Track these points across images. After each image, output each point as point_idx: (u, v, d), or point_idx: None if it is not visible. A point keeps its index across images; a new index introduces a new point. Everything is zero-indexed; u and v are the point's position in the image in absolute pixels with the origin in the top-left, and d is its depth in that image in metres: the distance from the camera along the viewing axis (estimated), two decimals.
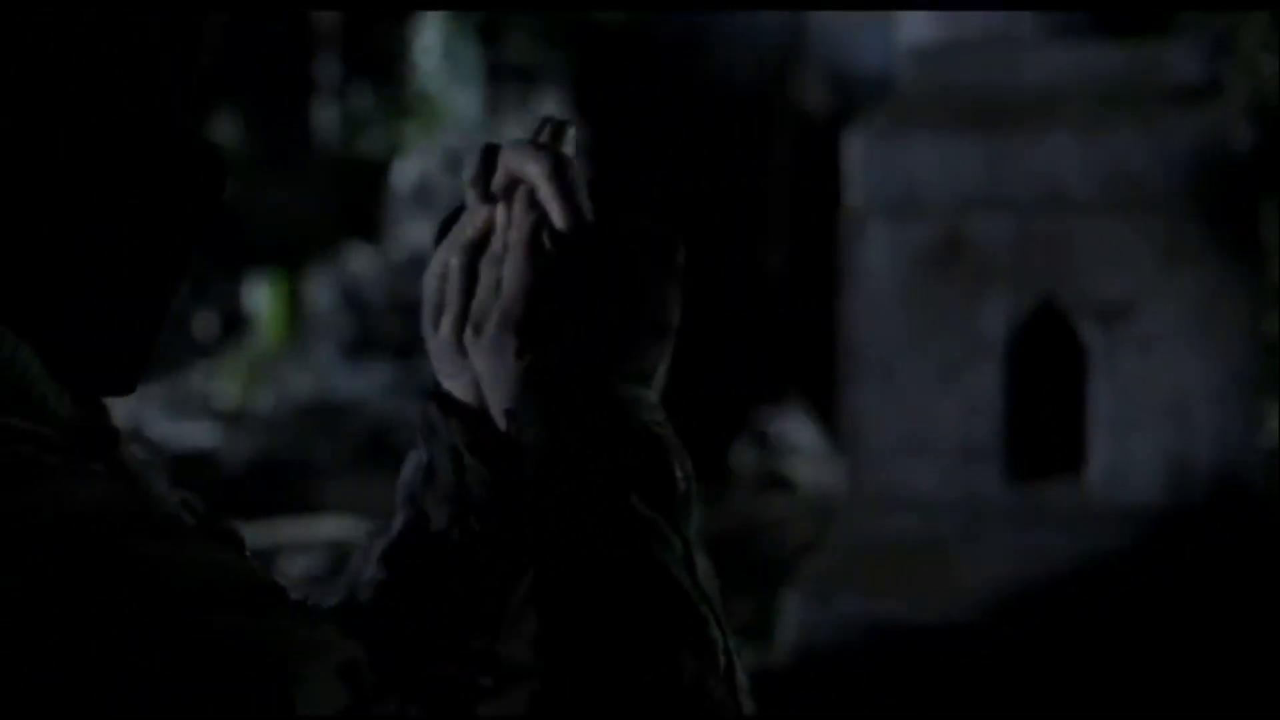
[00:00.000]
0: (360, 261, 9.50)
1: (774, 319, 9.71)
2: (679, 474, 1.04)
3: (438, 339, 1.08)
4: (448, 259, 1.07)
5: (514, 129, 10.07)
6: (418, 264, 9.95)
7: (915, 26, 4.80)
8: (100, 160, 1.02)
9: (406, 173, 9.73)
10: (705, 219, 10.33)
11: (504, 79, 9.97)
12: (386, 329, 9.28)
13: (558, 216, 1.03)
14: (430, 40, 9.78)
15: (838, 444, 5.16)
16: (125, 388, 1.03)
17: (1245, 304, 4.36)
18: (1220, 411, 4.33)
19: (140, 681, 0.81)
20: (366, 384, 9.13)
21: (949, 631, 4.35)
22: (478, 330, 1.04)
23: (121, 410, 1.03)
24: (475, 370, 1.07)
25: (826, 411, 5.55)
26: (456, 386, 1.10)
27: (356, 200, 10.51)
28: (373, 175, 9.54)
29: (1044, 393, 4.47)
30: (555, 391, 1.05)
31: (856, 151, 4.56)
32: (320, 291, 9.42)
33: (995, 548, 4.41)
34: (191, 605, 0.84)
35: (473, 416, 1.10)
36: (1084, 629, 4.28)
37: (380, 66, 9.88)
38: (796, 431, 7.79)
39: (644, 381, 1.08)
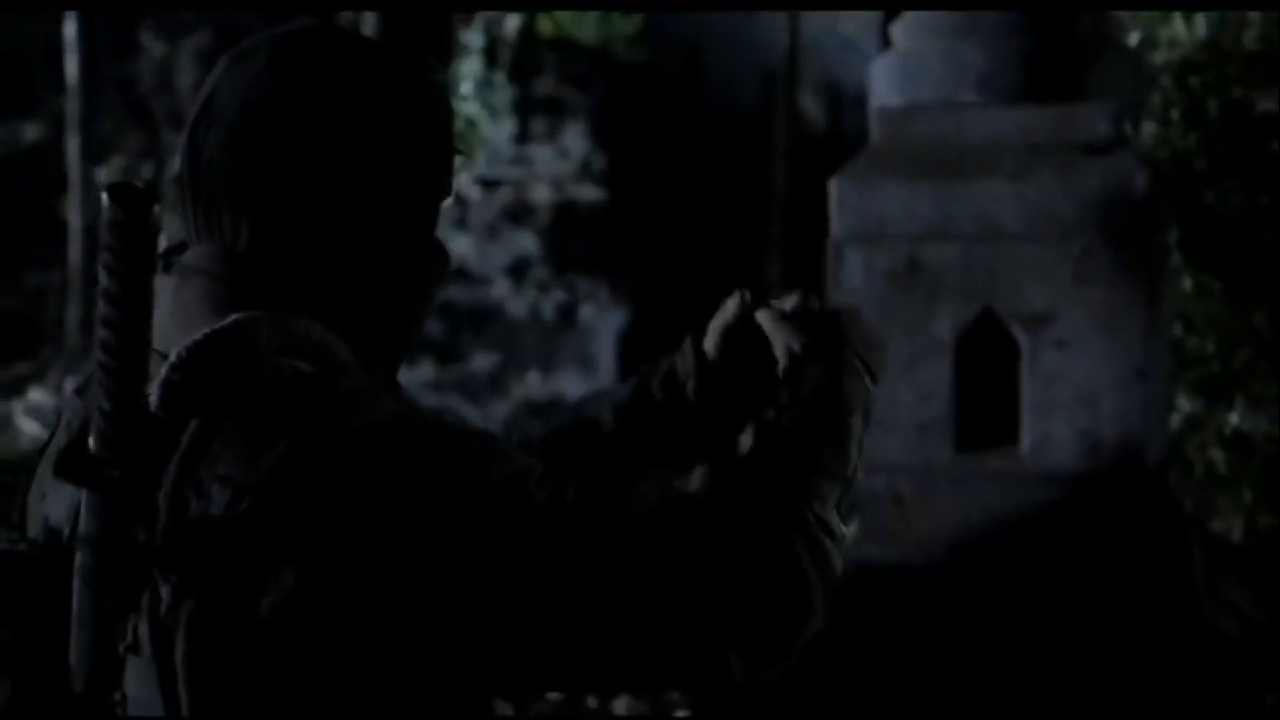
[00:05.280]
0: None
1: None
2: (868, 414, 1.50)
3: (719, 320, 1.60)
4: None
5: (541, 156, 10.10)
6: (456, 276, 9.82)
7: (883, 92, 4.94)
8: (395, 240, 1.46)
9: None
10: (714, 240, 10.27)
11: (533, 112, 9.93)
12: (428, 332, 9.00)
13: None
14: (468, 78, 9.72)
15: None
16: (394, 368, 1.50)
17: (1142, 313, 4.54)
18: (1121, 398, 4.54)
19: (431, 487, 1.29)
20: (410, 380, 9.25)
21: (907, 567, 4.59)
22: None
23: None
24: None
25: None
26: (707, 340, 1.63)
27: None
28: None
29: (984, 382, 4.66)
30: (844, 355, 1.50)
31: (836, 194, 4.74)
32: None
33: (946, 503, 4.63)
34: (454, 451, 1.32)
35: (704, 355, 1.62)
36: (1016, 567, 4.53)
37: None
38: None
39: (866, 383, 1.53)
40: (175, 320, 1.37)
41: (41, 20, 11.60)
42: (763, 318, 1.57)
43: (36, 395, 9.82)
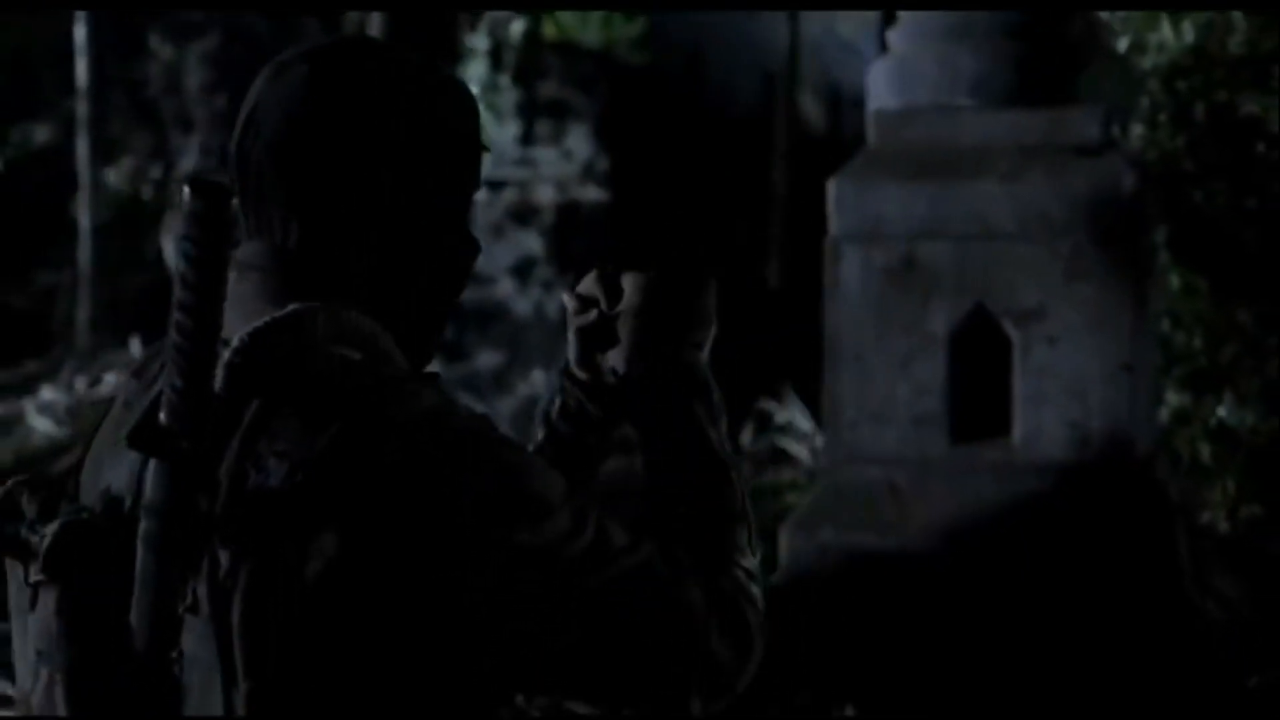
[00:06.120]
0: None
1: (773, 324, 9.70)
2: (715, 394, 1.61)
3: (578, 329, 1.67)
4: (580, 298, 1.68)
5: (545, 158, 10.10)
6: None
7: (880, 95, 5.01)
8: (425, 248, 1.53)
9: None
10: (715, 239, 10.36)
11: (537, 114, 9.92)
12: None
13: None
14: (473, 81, 9.69)
15: (822, 422, 5.23)
16: (426, 363, 1.57)
17: (1130, 310, 4.59)
18: (1109, 391, 4.59)
19: (464, 472, 1.37)
20: None
21: (904, 556, 4.63)
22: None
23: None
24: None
25: (815, 397, 5.61)
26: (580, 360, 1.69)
27: None
28: None
29: (977, 376, 4.69)
30: (661, 347, 1.62)
31: (835, 194, 4.80)
32: None
33: (940, 493, 4.67)
34: (488, 443, 1.41)
35: (582, 379, 1.70)
36: (1009, 555, 4.59)
37: None
38: (792, 414, 7.84)
39: (699, 348, 1.64)
40: (233, 312, 1.43)
41: (51, 23, 11.63)
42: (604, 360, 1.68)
43: (48, 393, 9.88)
